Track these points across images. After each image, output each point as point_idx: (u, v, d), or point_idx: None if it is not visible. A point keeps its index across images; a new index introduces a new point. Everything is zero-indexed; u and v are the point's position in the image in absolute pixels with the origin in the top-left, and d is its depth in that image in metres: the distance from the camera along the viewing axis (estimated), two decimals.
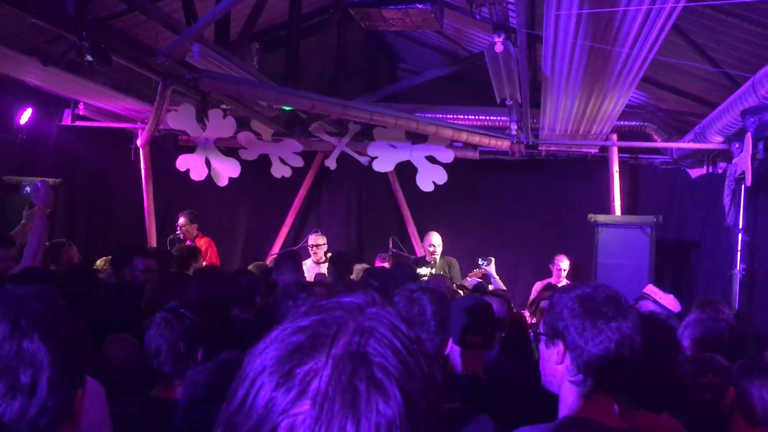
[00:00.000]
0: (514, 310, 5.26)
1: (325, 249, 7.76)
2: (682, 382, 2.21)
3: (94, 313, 3.55)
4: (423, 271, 7.33)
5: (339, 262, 5.58)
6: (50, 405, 1.14)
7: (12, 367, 1.13)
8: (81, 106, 8.44)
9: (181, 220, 7.85)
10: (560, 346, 1.76)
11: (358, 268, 6.14)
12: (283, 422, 0.69)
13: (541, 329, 1.84)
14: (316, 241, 7.74)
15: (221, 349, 2.35)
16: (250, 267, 6.26)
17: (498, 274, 7.47)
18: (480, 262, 7.38)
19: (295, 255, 5.46)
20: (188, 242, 7.68)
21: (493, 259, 7.35)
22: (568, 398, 1.76)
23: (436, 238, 7.73)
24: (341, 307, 0.79)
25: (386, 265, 7.73)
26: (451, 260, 7.72)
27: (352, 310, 0.78)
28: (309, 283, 4.88)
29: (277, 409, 0.70)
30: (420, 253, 8.86)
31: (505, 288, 6.95)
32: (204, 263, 6.53)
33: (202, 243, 7.67)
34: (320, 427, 0.68)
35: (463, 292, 5.53)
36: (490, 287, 6.71)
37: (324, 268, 6.91)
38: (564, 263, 7.74)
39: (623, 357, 1.70)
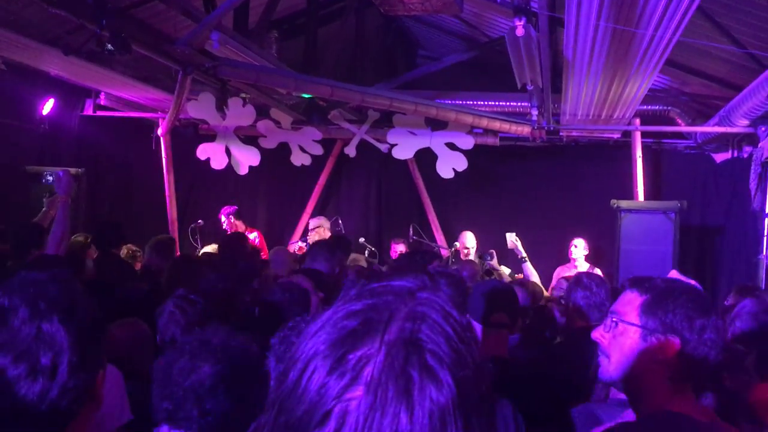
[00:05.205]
0: (542, 302, 5.24)
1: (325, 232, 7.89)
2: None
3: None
4: None
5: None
6: (71, 386, 1.14)
7: (32, 349, 1.13)
8: (102, 96, 8.49)
9: (223, 219, 8.02)
10: (671, 343, 1.69)
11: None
12: (336, 407, 0.69)
13: (639, 321, 1.74)
14: (315, 224, 7.89)
15: None
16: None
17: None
18: (486, 258, 7.29)
19: (330, 243, 5.46)
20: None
21: (494, 253, 7.33)
22: (659, 393, 1.70)
23: (470, 240, 7.72)
24: (392, 292, 0.78)
25: (403, 248, 7.73)
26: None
27: (403, 295, 0.77)
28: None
29: (330, 394, 0.70)
30: (440, 239, 8.83)
31: (507, 279, 6.90)
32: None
33: (252, 237, 7.87)
34: (374, 414, 0.68)
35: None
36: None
37: None
38: (580, 243, 7.68)
39: (719, 356, 1.69)
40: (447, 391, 0.70)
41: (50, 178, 7.15)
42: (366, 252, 7.86)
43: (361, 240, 8.20)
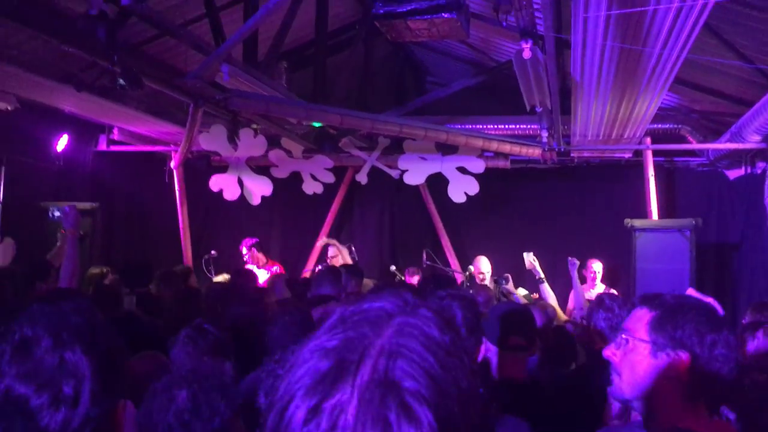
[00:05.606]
0: (555, 322, 5.21)
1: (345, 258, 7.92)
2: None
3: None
4: None
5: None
6: (93, 415, 1.15)
7: (55, 378, 1.14)
8: (115, 131, 8.59)
9: (245, 251, 8.09)
10: (681, 359, 1.66)
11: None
12: None
13: (648, 337, 1.72)
14: (333, 252, 8.03)
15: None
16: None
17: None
18: (501, 282, 7.27)
19: (335, 270, 5.46)
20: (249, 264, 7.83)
21: (510, 276, 7.29)
22: (671, 410, 1.67)
23: (485, 265, 7.69)
24: (368, 320, 0.75)
25: (416, 278, 7.70)
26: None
27: (379, 323, 0.75)
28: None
29: None
30: (454, 264, 8.80)
31: (523, 300, 6.86)
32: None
33: (273, 269, 7.96)
34: None
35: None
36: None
37: None
38: (596, 266, 7.65)
39: (732, 372, 1.66)
40: (428, 430, 0.67)
41: (57, 214, 7.23)
42: (396, 279, 7.86)
43: (392, 268, 8.18)
